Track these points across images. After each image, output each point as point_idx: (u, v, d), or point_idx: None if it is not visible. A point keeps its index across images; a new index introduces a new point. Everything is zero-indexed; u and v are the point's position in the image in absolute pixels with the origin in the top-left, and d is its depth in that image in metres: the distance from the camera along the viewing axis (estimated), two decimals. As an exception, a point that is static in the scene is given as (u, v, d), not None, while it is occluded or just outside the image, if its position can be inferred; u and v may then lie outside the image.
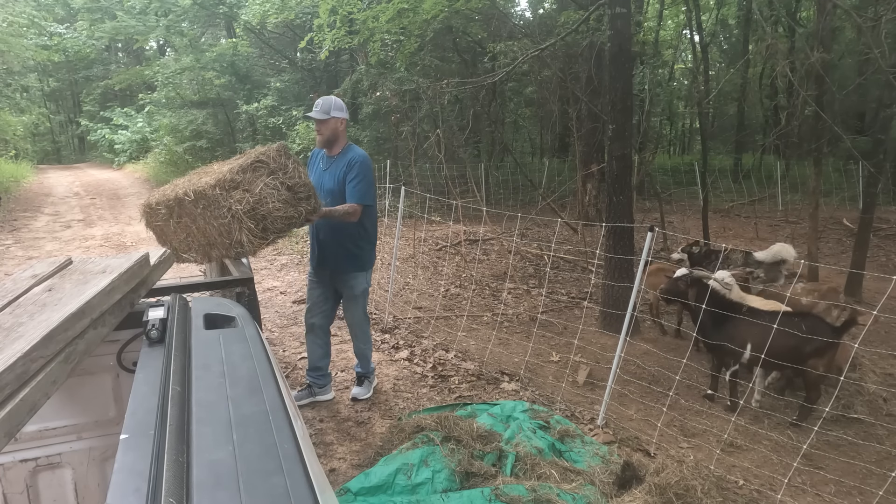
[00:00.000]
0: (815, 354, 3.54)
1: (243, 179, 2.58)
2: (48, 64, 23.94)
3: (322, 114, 3.28)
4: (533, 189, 11.37)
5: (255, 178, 2.61)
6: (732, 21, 18.20)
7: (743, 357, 3.74)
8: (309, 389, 3.75)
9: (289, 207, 2.70)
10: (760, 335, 3.55)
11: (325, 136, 3.35)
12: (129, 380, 1.55)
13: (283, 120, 13.26)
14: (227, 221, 2.53)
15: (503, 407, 3.56)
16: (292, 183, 2.73)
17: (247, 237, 2.53)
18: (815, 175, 6.58)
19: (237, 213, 2.51)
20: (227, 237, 2.59)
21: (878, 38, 5.38)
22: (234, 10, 14.85)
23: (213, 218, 2.57)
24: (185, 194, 2.60)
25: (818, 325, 3.57)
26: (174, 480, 0.85)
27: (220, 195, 2.50)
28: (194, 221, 2.67)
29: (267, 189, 2.62)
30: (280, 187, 2.68)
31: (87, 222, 10.33)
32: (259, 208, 2.59)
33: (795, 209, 11.72)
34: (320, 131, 3.34)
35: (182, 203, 2.65)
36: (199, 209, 2.59)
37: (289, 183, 2.71)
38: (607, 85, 5.63)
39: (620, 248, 5.22)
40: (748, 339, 3.69)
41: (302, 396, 3.72)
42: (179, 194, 2.63)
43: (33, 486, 1.88)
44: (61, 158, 28.89)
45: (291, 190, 2.72)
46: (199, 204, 2.58)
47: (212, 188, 2.51)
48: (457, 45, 13.65)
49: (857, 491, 3.06)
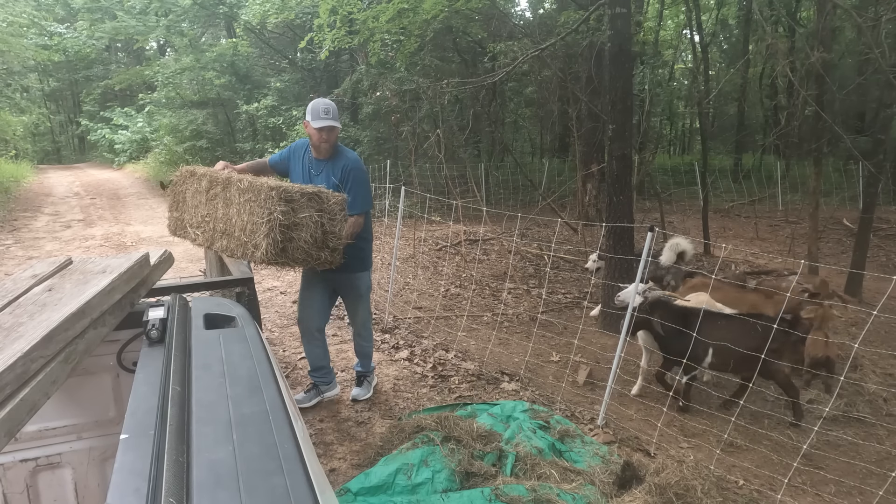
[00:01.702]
0: (774, 353, 3.53)
1: (296, 200, 2.62)
2: (48, 64, 23.94)
3: (335, 121, 3.17)
4: (533, 189, 11.37)
5: (306, 205, 2.66)
6: (732, 21, 18.18)
7: (704, 362, 3.72)
8: (315, 389, 3.70)
9: (314, 248, 2.73)
10: (720, 340, 3.59)
11: (332, 143, 3.23)
12: (129, 380, 1.55)
13: (283, 120, 13.27)
14: (260, 222, 2.57)
15: (503, 407, 3.57)
16: (330, 230, 2.77)
17: (266, 244, 2.56)
18: (815, 175, 6.58)
19: (274, 221, 2.54)
20: (249, 235, 2.64)
21: (878, 38, 5.39)
22: (234, 10, 14.86)
23: (249, 212, 2.62)
24: (238, 180, 2.69)
25: (769, 323, 3.57)
26: (174, 480, 0.85)
27: (272, 197, 2.55)
28: (228, 205, 2.73)
29: (309, 221, 2.67)
30: (319, 227, 2.72)
31: (87, 222, 10.33)
32: (292, 231, 2.63)
33: (795, 209, 11.72)
34: (330, 139, 3.20)
35: (230, 184, 2.72)
36: (243, 199, 2.65)
37: (328, 228, 2.75)
38: (607, 85, 5.62)
39: (620, 248, 5.22)
40: (708, 347, 3.65)
41: (310, 398, 3.66)
42: (233, 177, 2.72)
43: (33, 486, 1.88)
44: (61, 158, 28.90)
45: (325, 235, 2.76)
46: (247, 194, 2.64)
47: (269, 188, 2.57)
48: (457, 45, 13.65)
49: (857, 491, 3.06)
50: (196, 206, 2.87)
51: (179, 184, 2.95)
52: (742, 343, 3.52)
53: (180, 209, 2.95)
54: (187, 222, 2.92)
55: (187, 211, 2.92)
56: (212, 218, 2.80)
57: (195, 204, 2.87)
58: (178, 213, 2.97)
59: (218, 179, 2.78)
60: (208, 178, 2.81)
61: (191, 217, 2.90)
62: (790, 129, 9.66)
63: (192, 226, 2.89)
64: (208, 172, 2.86)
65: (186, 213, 2.92)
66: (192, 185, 2.89)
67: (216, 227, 2.79)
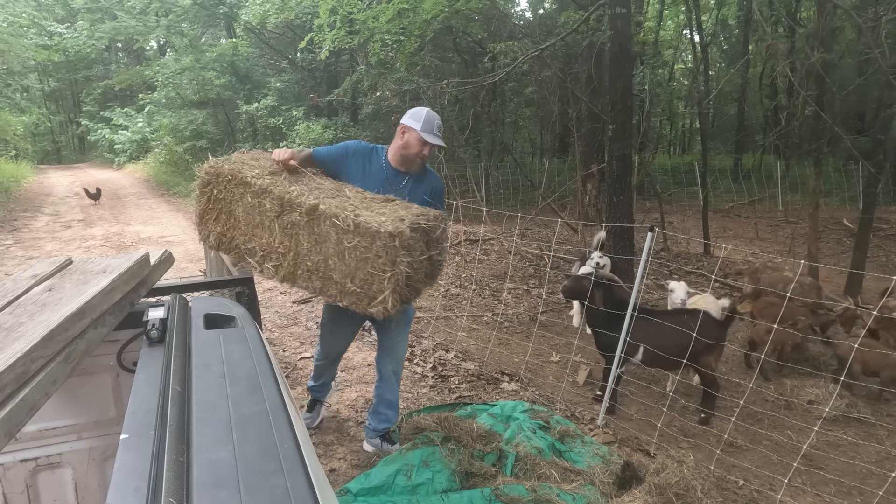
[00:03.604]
0: (704, 351, 3.56)
1: (414, 244, 2.19)
2: (48, 64, 23.97)
3: (442, 141, 2.77)
4: (533, 189, 11.37)
5: (419, 240, 2.25)
6: (732, 21, 18.19)
7: (636, 357, 3.73)
8: (318, 405, 3.38)
9: (423, 282, 2.36)
10: (653, 334, 3.61)
11: (426, 160, 2.84)
12: (129, 380, 1.55)
13: (283, 120, 13.27)
14: (380, 275, 2.11)
15: (503, 407, 3.57)
16: (437, 259, 2.42)
17: (392, 300, 2.13)
18: (815, 175, 6.58)
19: (400, 274, 2.10)
20: (361, 285, 2.16)
21: (878, 38, 5.39)
22: (234, 10, 14.87)
23: (360, 259, 2.14)
24: (333, 215, 2.15)
25: (706, 321, 3.59)
26: (174, 480, 0.85)
27: (394, 247, 2.08)
28: (319, 242, 2.22)
29: (421, 257, 2.27)
30: (428, 260, 2.34)
31: (87, 222, 10.34)
32: (410, 278, 2.23)
33: (795, 209, 11.72)
34: (427, 157, 2.77)
35: (319, 217, 2.18)
36: (348, 243, 2.14)
37: (435, 258, 2.40)
38: (607, 85, 5.63)
39: (620, 248, 5.22)
40: (643, 340, 3.66)
41: (317, 415, 3.39)
42: (320, 208, 2.18)
43: (33, 486, 1.88)
44: (61, 158, 28.92)
45: (433, 265, 2.41)
46: (353, 238, 2.13)
47: (387, 235, 2.07)
48: (457, 45, 13.66)
49: (857, 491, 3.06)
50: (257, 226, 2.32)
51: (214, 185, 2.36)
52: (673, 339, 3.54)
53: (223, 223, 2.37)
54: (241, 244, 2.37)
55: (239, 229, 2.35)
56: (291, 251, 2.27)
57: (254, 223, 2.32)
58: (221, 227, 2.38)
59: (295, 204, 2.22)
60: (274, 197, 2.25)
61: (247, 238, 2.34)
62: (790, 129, 9.66)
63: (253, 251, 2.35)
64: (270, 187, 2.26)
65: (238, 231, 2.35)
66: (243, 197, 2.31)
67: (300, 263, 2.28)
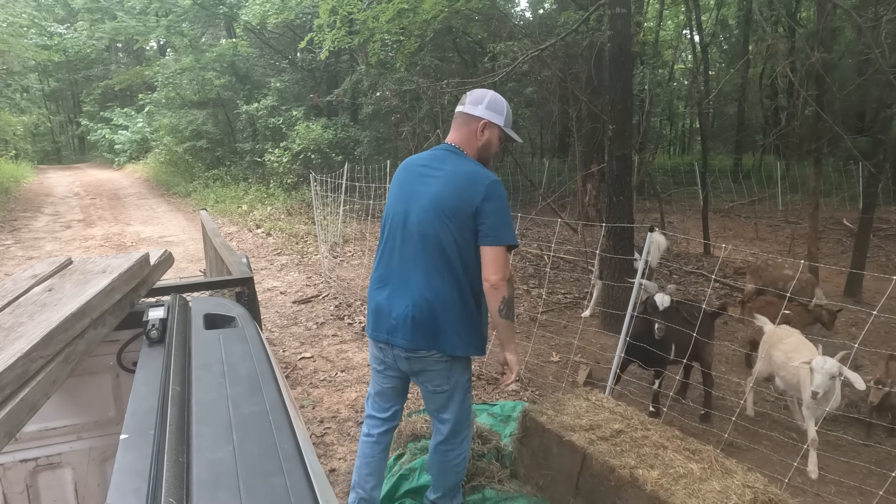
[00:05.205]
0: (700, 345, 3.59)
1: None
2: (48, 64, 23.95)
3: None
4: (533, 189, 11.37)
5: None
6: (732, 21, 18.20)
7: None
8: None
9: None
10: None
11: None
12: (129, 380, 1.55)
13: (283, 120, 13.26)
14: None
15: (503, 407, 3.57)
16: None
17: None
18: (815, 175, 6.58)
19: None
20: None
21: (878, 38, 5.38)
22: (234, 10, 14.85)
23: None
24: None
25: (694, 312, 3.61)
26: (174, 480, 0.85)
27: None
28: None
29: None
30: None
31: (87, 222, 10.34)
32: None
33: (795, 209, 11.72)
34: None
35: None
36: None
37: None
38: (607, 85, 5.62)
39: (620, 249, 5.22)
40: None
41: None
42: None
43: (33, 486, 1.88)
44: (61, 158, 28.91)
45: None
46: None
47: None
48: (457, 45, 13.65)
49: (857, 491, 3.06)
50: None
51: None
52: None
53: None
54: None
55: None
56: None
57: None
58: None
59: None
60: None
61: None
62: (790, 129, 9.65)
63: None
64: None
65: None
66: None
67: None
